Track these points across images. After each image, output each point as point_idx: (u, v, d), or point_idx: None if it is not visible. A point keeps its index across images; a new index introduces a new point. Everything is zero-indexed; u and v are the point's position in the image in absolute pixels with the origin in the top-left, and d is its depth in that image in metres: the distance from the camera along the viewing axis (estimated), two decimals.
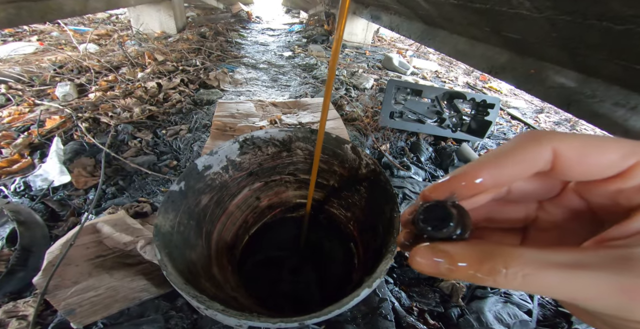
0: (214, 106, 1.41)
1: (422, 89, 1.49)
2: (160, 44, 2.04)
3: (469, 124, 1.52)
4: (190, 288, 0.44)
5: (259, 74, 1.95)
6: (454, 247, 0.15)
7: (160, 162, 1.14)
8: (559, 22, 0.71)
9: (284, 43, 2.92)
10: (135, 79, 1.53)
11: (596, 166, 0.15)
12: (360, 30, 3.33)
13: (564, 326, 0.79)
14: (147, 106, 1.31)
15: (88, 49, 1.87)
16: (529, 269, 0.13)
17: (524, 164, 0.16)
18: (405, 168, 1.25)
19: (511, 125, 1.91)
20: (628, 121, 0.73)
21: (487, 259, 0.14)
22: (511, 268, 0.13)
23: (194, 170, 0.66)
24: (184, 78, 1.56)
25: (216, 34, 2.61)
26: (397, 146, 1.41)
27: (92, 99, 1.36)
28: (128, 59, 1.71)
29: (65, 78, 1.50)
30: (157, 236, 0.51)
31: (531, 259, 0.13)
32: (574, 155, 0.15)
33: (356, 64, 2.52)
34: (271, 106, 1.42)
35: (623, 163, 0.15)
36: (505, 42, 1.05)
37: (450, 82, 2.63)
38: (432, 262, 0.15)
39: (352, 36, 3.34)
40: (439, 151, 1.41)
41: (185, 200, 0.63)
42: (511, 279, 0.13)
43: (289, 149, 0.77)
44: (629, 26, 0.56)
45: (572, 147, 0.15)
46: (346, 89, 1.89)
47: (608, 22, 0.59)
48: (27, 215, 0.84)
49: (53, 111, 1.30)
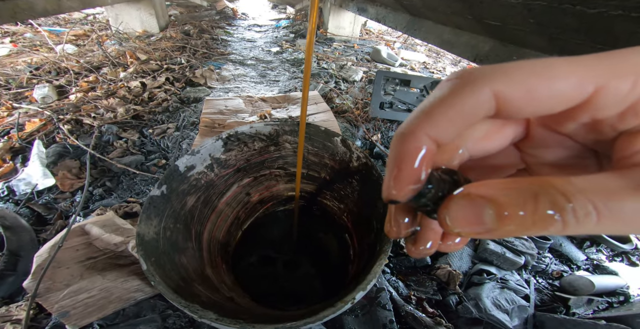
0: (201, 103, 1.40)
1: (411, 79, 1.51)
2: (142, 43, 2.01)
3: None
4: (181, 298, 0.43)
5: (247, 70, 1.94)
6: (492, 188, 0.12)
7: (149, 161, 1.13)
8: (536, 7, 0.73)
9: (271, 39, 2.90)
10: (118, 79, 1.51)
11: (549, 101, 0.13)
12: (348, 24, 3.34)
13: (562, 310, 0.81)
14: (131, 106, 1.29)
15: (65, 49, 1.83)
16: (600, 198, 0.10)
17: (462, 116, 0.14)
18: None
19: None
20: None
21: (542, 194, 0.11)
22: (577, 201, 0.10)
23: (176, 172, 0.65)
24: (169, 77, 1.54)
25: (201, 32, 2.58)
26: (388, 136, 1.42)
27: (73, 101, 1.33)
28: (109, 59, 1.68)
29: (43, 80, 1.46)
30: (141, 245, 0.50)
31: (597, 186, 0.11)
32: (520, 94, 0.13)
33: (345, 57, 2.52)
34: (260, 101, 1.41)
35: (581, 92, 0.13)
36: (487, 30, 1.08)
37: (438, 73, 2.67)
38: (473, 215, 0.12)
39: (339, 30, 3.35)
40: None
41: (169, 204, 0.62)
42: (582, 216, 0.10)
43: (277, 143, 0.77)
44: (601, 9, 0.57)
45: (515, 85, 0.13)
46: (335, 82, 1.89)
47: (581, 6, 0.60)
48: (13, 220, 0.83)
49: (32, 114, 1.28)
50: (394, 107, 1.51)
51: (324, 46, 2.82)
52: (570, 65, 0.13)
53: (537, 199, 0.11)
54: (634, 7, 0.52)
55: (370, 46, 3.07)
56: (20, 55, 1.75)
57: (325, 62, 2.25)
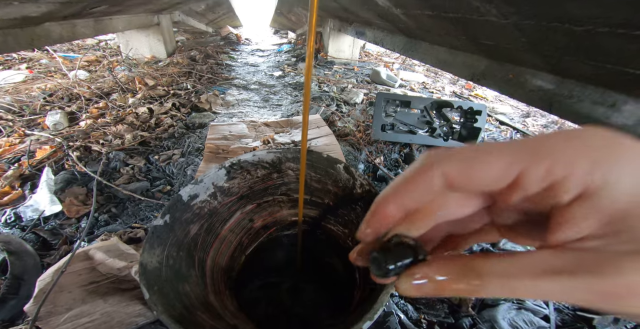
0: (206, 129, 1.44)
1: (411, 100, 1.54)
2: (150, 69, 2.09)
3: (460, 131, 1.56)
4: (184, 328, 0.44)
5: (251, 94, 2.00)
6: (429, 268, 0.16)
7: (154, 187, 1.15)
8: (525, 27, 0.74)
9: (273, 63, 3.00)
10: (126, 105, 1.56)
11: (484, 182, 0.16)
12: (347, 47, 3.45)
13: None
14: (138, 132, 1.33)
15: (78, 75, 1.91)
16: (501, 280, 0.14)
17: (421, 191, 0.18)
18: None
19: (500, 130, 1.98)
20: (610, 118, 0.75)
21: (463, 274, 0.15)
22: (485, 280, 0.14)
23: (179, 201, 0.66)
24: (176, 102, 1.59)
25: (206, 57, 2.68)
26: (391, 158, 1.44)
27: (83, 127, 1.38)
28: (118, 85, 1.75)
29: (55, 106, 1.52)
30: (144, 274, 0.50)
31: (506, 268, 0.14)
32: (462, 175, 0.16)
33: (345, 80, 2.59)
34: (264, 126, 1.45)
35: (509, 174, 0.15)
36: (482, 49, 1.10)
37: (438, 92, 2.72)
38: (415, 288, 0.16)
39: (339, 53, 3.45)
40: None
41: (173, 233, 0.63)
42: (493, 290, 0.14)
43: (280, 170, 0.79)
44: (588, 27, 0.58)
45: (458, 168, 0.16)
46: (337, 105, 1.94)
47: (569, 24, 0.61)
48: (18, 245, 0.85)
49: (43, 141, 1.31)
50: (395, 129, 1.53)
51: (324, 69, 2.90)
52: (501, 151, 0.16)
53: (461, 277, 0.15)
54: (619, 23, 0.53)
55: (369, 68, 3.16)
56: (35, 82, 1.82)
57: (327, 85, 2.32)
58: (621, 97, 0.73)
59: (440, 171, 0.17)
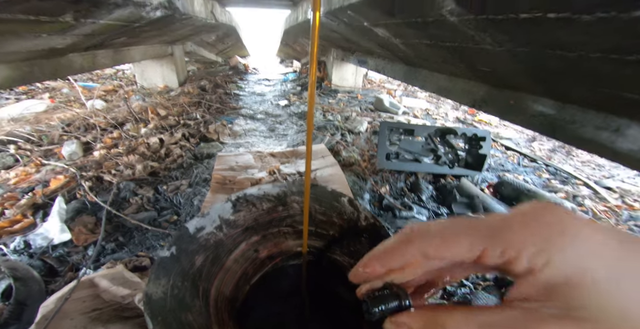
0: (213, 159, 1.50)
1: (414, 128, 1.57)
2: (162, 99, 2.21)
3: (465, 158, 1.56)
4: None
5: (257, 124, 2.09)
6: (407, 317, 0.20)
7: (161, 217, 1.19)
8: (520, 54, 0.75)
9: (279, 92, 3.14)
10: (139, 135, 1.64)
11: (455, 256, 0.20)
12: (350, 75, 3.58)
13: None
14: (149, 162, 1.39)
15: (95, 105, 2.02)
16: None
17: (402, 260, 0.22)
18: (407, 209, 1.29)
19: (507, 156, 2.00)
20: (615, 143, 0.74)
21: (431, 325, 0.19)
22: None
23: (186, 234, 0.70)
24: (185, 132, 1.67)
25: (215, 87, 2.82)
26: (396, 187, 1.46)
27: (97, 157, 1.45)
28: (132, 115, 1.85)
29: (72, 136, 1.60)
30: (148, 304, 0.52)
31: (460, 321, 0.18)
32: (437, 251, 0.20)
33: (349, 109, 2.68)
34: (269, 156, 1.51)
35: (474, 252, 0.19)
36: (480, 75, 1.11)
37: (441, 119, 2.77)
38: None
39: (343, 81, 3.59)
40: (440, 189, 1.46)
41: (178, 263, 0.66)
42: None
43: (285, 203, 0.82)
44: (580, 52, 0.59)
45: (434, 246, 0.20)
46: (342, 134, 2.00)
47: (560, 50, 0.62)
48: (24, 271, 0.87)
49: (58, 171, 1.38)
50: (400, 158, 1.54)
51: (329, 98, 3.01)
52: (469, 230, 0.20)
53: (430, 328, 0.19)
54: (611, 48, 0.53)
55: (373, 95, 3.26)
56: (56, 111, 1.93)
57: (331, 114, 2.41)
58: (624, 121, 0.72)
59: (418, 247, 0.21)
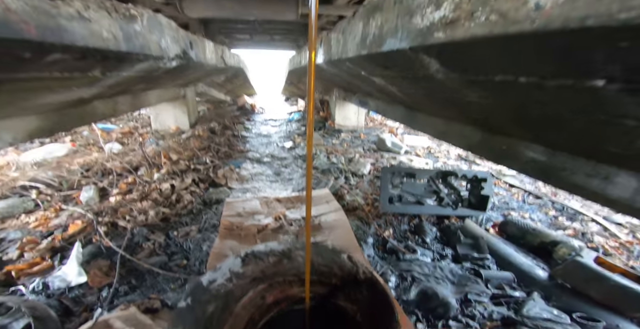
0: (222, 205, 1.61)
1: (415, 173, 1.63)
2: (174, 143, 2.39)
3: (468, 199, 1.60)
4: None
5: (263, 168, 2.22)
6: None
7: (172, 261, 1.27)
8: (505, 104, 0.79)
9: (284, 133, 3.33)
10: (152, 180, 1.77)
11: None
12: (353, 114, 3.75)
13: None
14: (161, 208, 1.51)
15: (112, 149, 2.19)
16: None
17: None
18: (411, 251, 1.33)
19: (511, 193, 2.03)
20: (605, 190, 0.75)
21: None
22: None
23: (200, 286, 0.80)
24: (195, 178, 1.81)
25: (224, 128, 3.03)
26: (400, 229, 1.51)
27: (112, 203, 1.57)
28: (146, 160, 2.00)
29: (90, 182, 1.74)
30: None
31: None
32: None
33: (353, 149, 2.82)
34: (275, 202, 1.62)
35: None
36: (474, 122, 1.17)
37: (443, 157, 2.85)
38: None
39: (346, 120, 3.76)
40: (444, 230, 1.50)
41: (192, 313, 0.76)
42: None
43: (290, 257, 0.92)
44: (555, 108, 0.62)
45: None
46: (345, 177, 2.11)
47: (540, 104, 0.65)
48: (43, 311, 0.95)
49: (76, 216, 1.49)
50: (403, 200, 1.59)
51: (332, 138, 3.18)
52: None
53: None
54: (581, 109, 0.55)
55: (375, 134, 3.41)
56: (76, 155, 2.10)
57: (335, 155, 2.55)
58: (612, 169, 0.73)
59: None
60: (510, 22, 0.41)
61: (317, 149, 2.64)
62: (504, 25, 0.42)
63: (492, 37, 0.45)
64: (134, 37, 1.14)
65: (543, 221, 1.71)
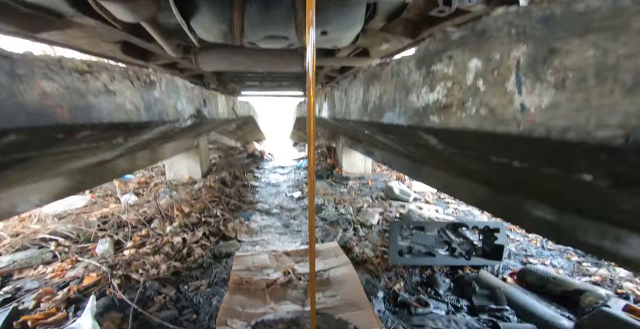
0: (231, 258, 1.68)
1: (424, 226, 1.65)
2: (187, 194, 2.53)
3: (482, 248, 1.59)
4: None
5: (272, 220, 2.31)
6: None
7: (182, 316, 1.31)
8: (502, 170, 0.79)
9: (293, 182, 3.47)
10: (164, 234, 1.87)
11: None
12: (360, 161, 3.85)
13: None
14: (172, 262, 1.59)
15: (129, 200, 2.34)
16: None
17: None
18: (423, 305, 1.32)
19: (529, 239, 1.97)
20: (619, 251, 0.74)
21: None
22: None
23: None
24: (206, 231, 1.90)
25: (234, 179, 3.19)
26: (411, 282, 1.51)
27: (126, 256, 1.65)
28: (160, 212, 2.13)
29: (106, 235, 1.85)
30: None
31: None
32: None
33: (361, 199, 2.90)
34: (284, 255, 1.68)
35: None
36: (479, 179, 1.19)
37: (454, 203, 2.84)
38: None
39: (353, 167, 3.87)
40: (458, 281, 1.49)
41: None
42: None
43: (298, 324, 0.99)
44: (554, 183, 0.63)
45: None
46: (354, 228, 2.16)
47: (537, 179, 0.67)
48: None
49: (92, 269, 1.58)
50: (413, 252, 1.59)
51: (340, 186, 3.29)
52: None
53: None
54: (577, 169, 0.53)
55: (383, 180, 3.49)
56: (94, 207, 2.24)
57: (343, 206, 2.63)
58: (623, 232, 0.72)
59: None
60: (499, 120, 0.44)
61: (325, 199, 2.74)
62: (492, 122, 0.45)
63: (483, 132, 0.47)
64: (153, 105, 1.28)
65: (565, 268, 1.66)
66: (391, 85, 0.77)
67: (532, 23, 0.41)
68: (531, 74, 0.41)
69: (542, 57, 0.40)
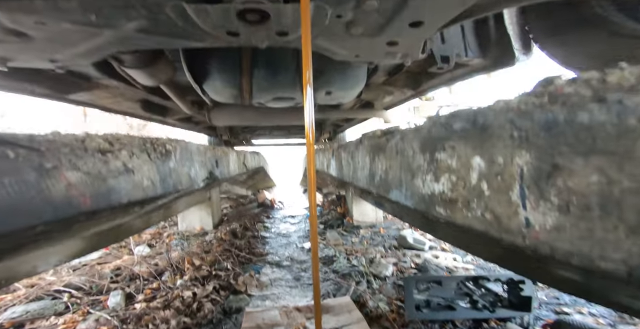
0: (241, 314, 1.67)
1: (441, 280, 1.58)
2: (198, 247, 2.59)
3: (508, 299, 1.50)
4: None
5: (283, 272, 2.31)
6: None
7: None
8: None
9: (303, 232, 3.49)
10: (175, 287, 1.90)
11: None
12: (370, 210, 3.84)
13: None
14: (182, 317, 1.59)
15: (142, 252, 2.41)
16: None
17: None
18: None
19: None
20: None
21: None
22: None
23: None
24: (216, 285, 1.92)
25: (245, 230, 3.25)
26: None
27: (137, 310, 1.68)
28: (171, 265, 2.17)
29: (118, 287, 1.89)
30: None
31: None
32: None
33: (373, 249, 2.87)
34: (295, 311, 1.67)
35: None
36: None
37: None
38: None
39: (363, 216, 3.87)
40: None
41: None
42: None
43: None
44: None
45: None
46: (367, 280, 2.12)
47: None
48: None
49: (102, 322, 1.60)
50: (432, 306, 1.53)
51: (351, 236, 3.28)
52: None
53: None
54: None
55: (395, 228, 3.45)
56: (108, 258, 2.31)
57: (355, 257, 2.61)
58: None
59: None
60: (504, 229, 0.45)
61: (337, 250, 2.74)
62: (498, 230, 0.47)
63: (490, 237, 0.51)
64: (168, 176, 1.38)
65: (606, 316, 1.53)
66: (396, 162, 0.84)
67: (534, 128, 0.42)
68: (535, 190, 0.42)
69: (546, 173, 0.40)
